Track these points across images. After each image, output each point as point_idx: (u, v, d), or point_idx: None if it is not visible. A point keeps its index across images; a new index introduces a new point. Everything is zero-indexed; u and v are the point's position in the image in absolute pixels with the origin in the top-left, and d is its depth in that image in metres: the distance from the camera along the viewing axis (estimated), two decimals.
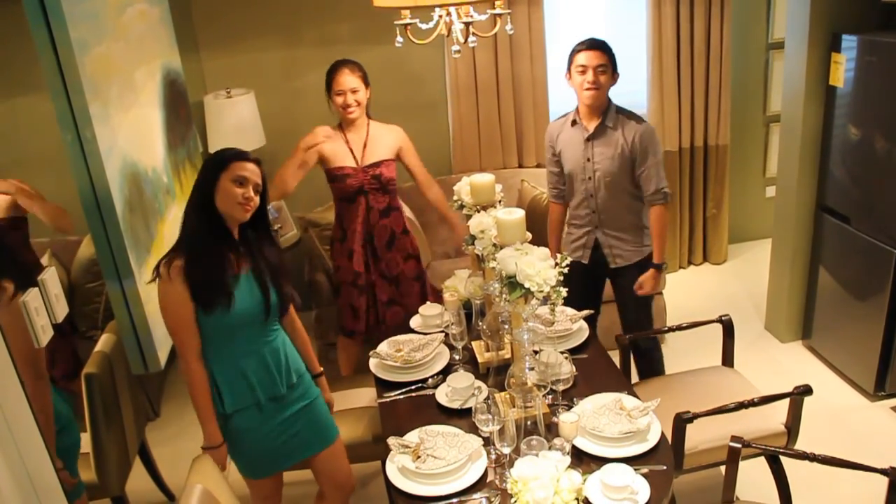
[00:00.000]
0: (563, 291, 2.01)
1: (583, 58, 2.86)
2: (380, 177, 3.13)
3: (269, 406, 2.27)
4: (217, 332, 2.18)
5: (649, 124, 2.95)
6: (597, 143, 2.93)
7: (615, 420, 2.13)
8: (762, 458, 2.55)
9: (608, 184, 2.94)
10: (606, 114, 2.92)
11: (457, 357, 2.59)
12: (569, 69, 2.94)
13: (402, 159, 3.24)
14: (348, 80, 3.02)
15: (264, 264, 2.26)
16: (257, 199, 2.19)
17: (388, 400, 2.44)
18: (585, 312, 2.72)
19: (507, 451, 2.01)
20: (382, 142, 3.16)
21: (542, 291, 1.95)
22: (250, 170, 2.16)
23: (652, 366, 3.18)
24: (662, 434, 2.13)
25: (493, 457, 2.08)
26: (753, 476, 2.75)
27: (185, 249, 2.14)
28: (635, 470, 1.92)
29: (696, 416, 2.39)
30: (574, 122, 2.98)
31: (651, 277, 3.01)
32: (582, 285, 3.17)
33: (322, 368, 2.58)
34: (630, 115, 2.95)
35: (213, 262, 2.15)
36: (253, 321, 2.22)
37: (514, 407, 2.17)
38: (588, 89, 2.85)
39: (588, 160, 2.94)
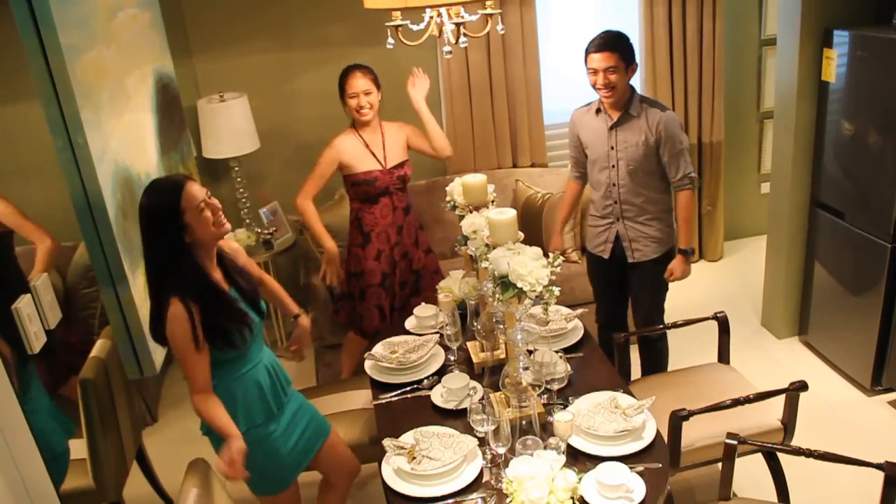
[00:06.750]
0: (556, 291, 2.01)
1: (591, 60, 2.87)
2: (403, 177, 3.25)
3: (278, 414, 2.26)
4: (231, 357, 2.15)
5: (672, 112, 2.97)
6: (620, 131, 2.94)
7: (610, 418, 2.13)
8: (759, 455, 2.56)
9: (631, 172, 2.95)
10: (630, 103, 2.93)
11: (452, 358, 2.59)
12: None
13: (414, 145, 3.29)
14: (360, 82, 3.09)
15: (236, 274, 2.23)
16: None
17: (383, 401, 2.44)
18: (580, 311, 2.72)
19: (502, 451, 2.01)
20: (396, 142, 3.25)
21: (534, 291, 1.95)
22: (199, 189, 2.08)
23: (658, 358, 3.21)
24: (658, 432, 2.13)
25: (489, 457, 2.08)
26: (751, 472, 2.76)
27: (191, 296, 2.04)
28: (631, 468, 1.92)
29: (692, 413, 2.40)
30: (598, 111, 3.00)
31: (681, 263, 3.03)
32: (606, 280, 3.21)
33: (300, 311, 2.56)
34: (653, 103, 2.97)
35: (227, 304, 2.12)
36: (257, 335, 2.22)
37: (509, 407, 2.17)
38: (600, 89, 2.88)
39: (612, 148, 2.96)
